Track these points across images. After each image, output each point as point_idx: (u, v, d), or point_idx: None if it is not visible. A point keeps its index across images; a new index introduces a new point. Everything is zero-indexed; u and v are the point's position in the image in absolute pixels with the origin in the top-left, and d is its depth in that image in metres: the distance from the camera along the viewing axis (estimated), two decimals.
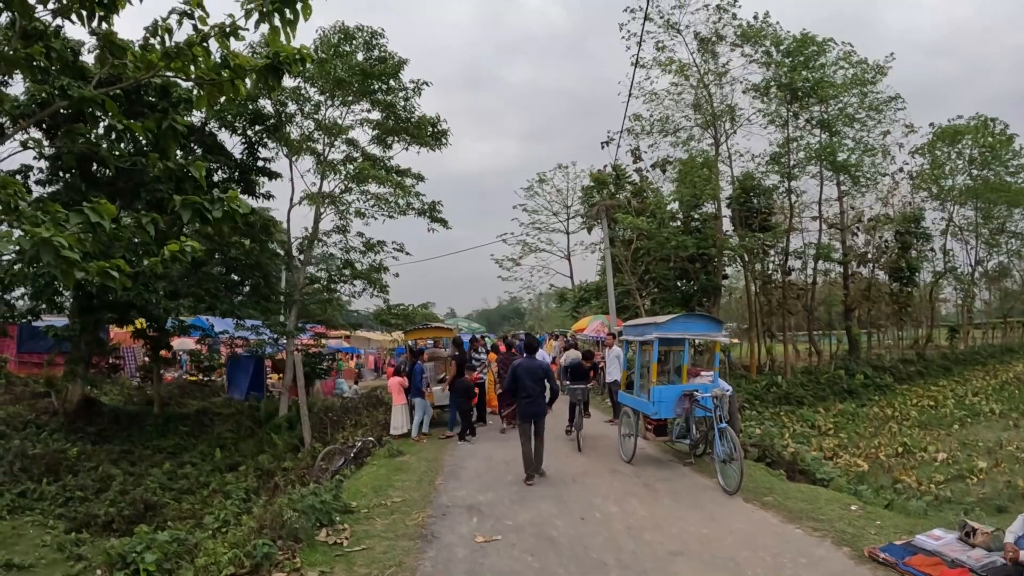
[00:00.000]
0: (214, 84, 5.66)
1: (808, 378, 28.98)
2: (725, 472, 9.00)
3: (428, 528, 7.30)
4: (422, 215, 23.77)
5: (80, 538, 12.80)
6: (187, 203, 5.05)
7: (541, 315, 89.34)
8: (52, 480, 15.64)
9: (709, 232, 29.63)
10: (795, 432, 20.41)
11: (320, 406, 21.72)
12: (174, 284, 19.07)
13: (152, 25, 5.68)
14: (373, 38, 20.87)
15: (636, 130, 29.83)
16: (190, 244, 5.35)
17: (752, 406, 23.63)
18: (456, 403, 14.05)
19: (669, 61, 27.23)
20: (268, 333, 21.60)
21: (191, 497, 15.92)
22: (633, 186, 33.12)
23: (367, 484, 9.43)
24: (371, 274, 22.80)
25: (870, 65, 28.93)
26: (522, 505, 8.26)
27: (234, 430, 20.88)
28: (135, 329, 21.35)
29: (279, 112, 21.11)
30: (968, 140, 36.25)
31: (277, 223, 25.08)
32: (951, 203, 38.65)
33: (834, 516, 7.57)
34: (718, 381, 10.79)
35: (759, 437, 13.71)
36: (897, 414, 25.01)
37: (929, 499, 12.75)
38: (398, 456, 11.50)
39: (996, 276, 51.00)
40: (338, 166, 22.03)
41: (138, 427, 20.05)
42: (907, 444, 19.42)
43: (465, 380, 13.78)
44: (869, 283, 36.28)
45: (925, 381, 33.22)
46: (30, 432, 18.12)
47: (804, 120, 29.09)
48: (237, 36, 5.58)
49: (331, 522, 7.30)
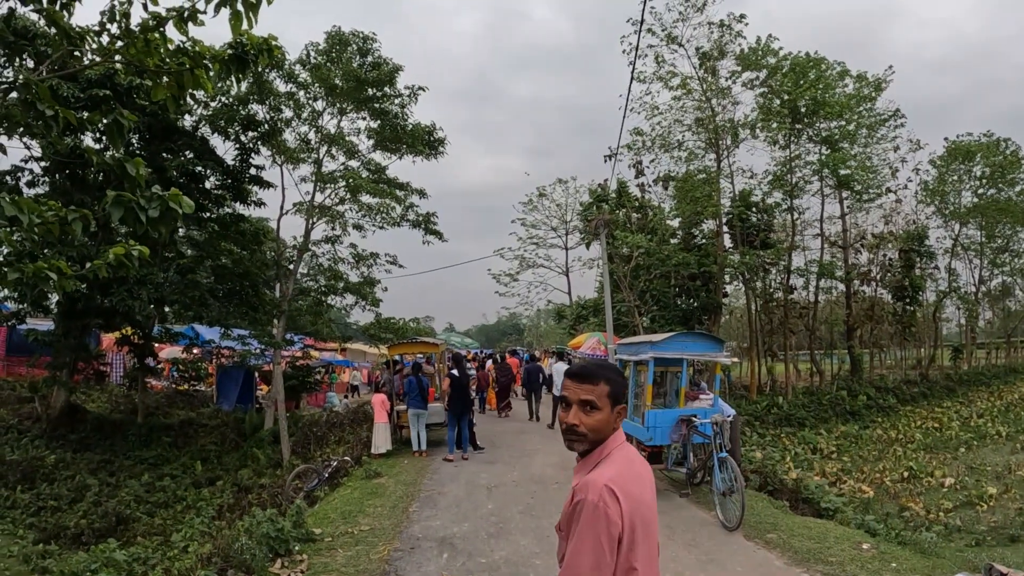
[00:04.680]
0: (171, 74, 5.24)
1: (810, 399, 28.40)
2: (725, 506, 8.39)
3: (392, 564, 6.70)
4: (417, 227, 23.27)
5: (48, 550, 12.40)
6: (119, 200, 4.49)
7: (540, 331, 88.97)
8: (27, 488, 15.29)
9: (711, 249, 29.14)
10: (796, 456, 19.85)
11: (306, 420, 21.20)
12: (159, 291, 18.56)
13: (109, 9, 5.22)
14: (366, 43, 20.43)
15: (637, 145, 29.35)
16: (137, 248, 4.93)
17: (752, 427, 23.10)
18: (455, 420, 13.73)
19: (670, 75, 26.78)
20: (255, 344, 21.09)
21: (165, 512, 15.44)
22: (633, 202, 32.66)
23: (337, 508, 8.86)
24: (362, 287, 22.30)
25: (869, 80, 28.52)
26: (499, 539, 7.65)
27: (218, 442, 20.37)
28: (120, 336, 20.92)
29: (273, 118, 20.64)
30: (979, 159, 35.85)
31: (269, 231, 24.63)
32: (956, 221, 38.23)
33: (845, 558, 6.97)
34: (719, 404, 10.20)
35: (760, 463, 13.12)
36: (901, 436, 24.42)
37: (939, 528, 12.15)
38: (375, 478, 10.93)
39: (999, 296, 50.56)
40: (335, 175, 21.50)
41: (121, 436, 19.57)
42: (913, 468, 18.82)
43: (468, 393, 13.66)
44: (872, 302, 35.75)
45: (929, 402, 32.62)
46: (11, 437, 17.76)
47: (806, 138, 28.67)
48: (196, 21, 5.13)
49: (288, 552, 6.71)
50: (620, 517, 2.17)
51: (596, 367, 2.43)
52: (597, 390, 2.35)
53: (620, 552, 2.18)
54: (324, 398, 28.71)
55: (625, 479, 2.26)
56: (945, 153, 36.68)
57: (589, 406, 2.34)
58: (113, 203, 4.49)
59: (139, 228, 4.64)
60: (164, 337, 22.29)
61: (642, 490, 2.33)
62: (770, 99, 26.91)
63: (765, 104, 26.95)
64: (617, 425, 2.40)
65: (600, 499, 2.17)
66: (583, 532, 2.16)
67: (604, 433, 2.35)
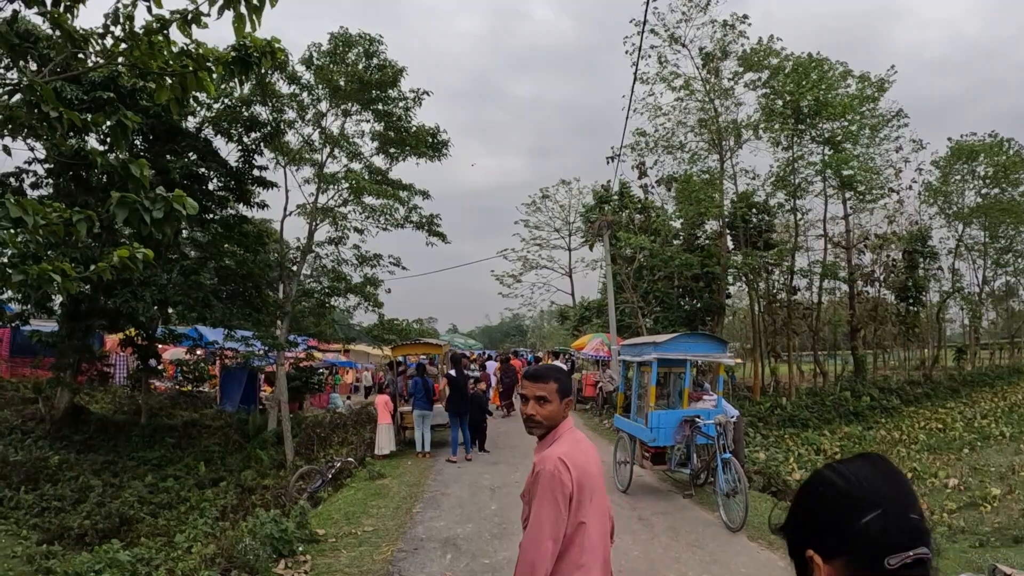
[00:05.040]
0: (174, 76, 5.26)
1: (813, 400, 28.31)
2: (728, 507, 8.37)
3: (396, 565, 6.70)
4: (420, 228, 23.27)
5: (51, 550, 12.37)
6: (123, 201, 4.51)
7: (543, 333, 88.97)
8: (30, 488, 15.25)
9: (714, 250, 29.09)
10: (800, 457, 19.80)
11: (309, 421, 21.21)
12: (163, 292, 18.59)
13: (113, 12, 5.24)
14: (372, 45, 20.41)
15: (640, 146, 29.32)
16: (142, 250, 4.96)
17: (756, 429, 23.03)
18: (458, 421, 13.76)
19: (673, 75, 26.76)
20: (258, 345, 21.11)
21: (168, 512, 15.42)
22: (636, 204, 32.65)
23: (340, 509, 8.87)
24: (364, 288, 22.30)
25: (872, 80, 28.44)
26: (503, 540, 7.65)
27: (221, 443, 20.36)
28: (123, 337, 20.95)
29: (276, 119, 20.64)
30: (982, 159, 35.77)
31: (273, 233, 24.65)
32: (959, 222, 38.15)
33: None
34: (723, 405, 10.18)
35: (764, 464, 13.11)
36: (905, 437, 24.34)
37: (943, 530, 12.12)
38: (378, 479, 10.94)
39: (1003, 296, 50.39)
40: (338, 177, 21.49)
41: (124, 437, 19.57)
42: (916, 469, 18.76)
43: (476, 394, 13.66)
44: (875, 303, 35.67)
45: (932, 403, 32.49)
46: (15, 438, 17.73)
47: (809, 139, 28.59)
48: (199, 23, 5.16)
49: (292, 553, 6.71)
50: (571, 482, 2.76)
51: (546, 369, 3.04)
52: (548, 387, 2.94)
53: (571, 509, 2.78)
54: (327, 399, 28.71)
55: (574, 454, 2.85)
56: (948, 153, 36.61)
57: (543, 400, 2.95)
58: (118, 204, 4.51)
59: (144, 230, 4.65)
60: (168, 338, 22.30)
61: (587, 462, 2.91)
62: (772, 100, 26.87)
63: (767, 105, 26.91)
64: (566, 414, 3.01)
65: (555, 468, 2.76)
66: (543, 494, 2.77)
67: (556, 420, 2.97)
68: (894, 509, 1.21)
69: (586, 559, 2.83)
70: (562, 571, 2.81)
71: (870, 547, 1.17)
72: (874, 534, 1.18)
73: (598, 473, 2.98)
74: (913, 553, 1.19)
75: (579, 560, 2.82)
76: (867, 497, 1.22)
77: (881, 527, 1.18)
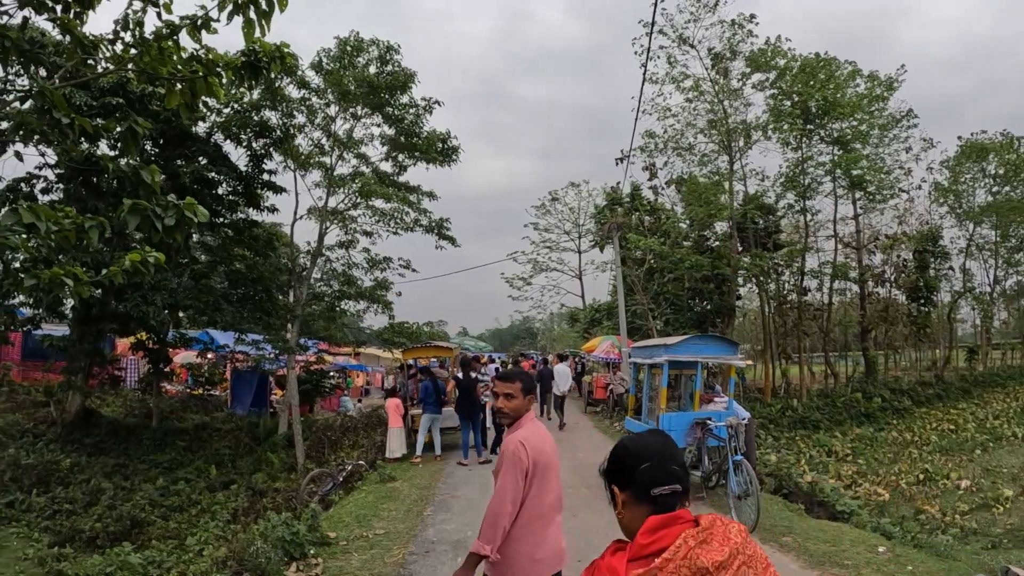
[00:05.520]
0: (184, 81, 5.28)
1: (824, 401, 28.21)
2: (740, 509, 8.34)
3: (407, 568, 6.70)
4: (430, 232, 23.23)
5: (63, 553, 12.39)
6: (135, 208, 4.53)
7: (553, 335, 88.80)
8: (42, 491, 15.33)
9: (724, 252, 29.00)
10: (811, 458, 19.72)
11: (320, 424, 21.24)
12: (173, 296, 18.66)
13: (122, 18, 5.26)
14: (388, 52, 20.36)
15: (649, 148, 29.27)
16: (153, 255, 4.96)
17: (767, 430, 22.96)
18: (469, 424, 13.74)
19: (682, 76, 26.71)
20: (269, 348, 21.16)
21: (179, 515, 15.46)
22: (646, 206, 32.61)
23: (351, 512, 8.86)
24: (375, 292, 22.31)
25: (881, 80, 28.30)
26: None
27: (232, 447, 20.42)
28: (134, 341, 21.04)
29: (286, 124, 20.67)
30: (992, 157, 35.54)
31: (282, 236, 24.70)
32: (970, 221, 37.91)
33: (861, 561, 6.91)
34: (734, 408, 10.15)
35: (775, 466, 13.05)
36: (917, 439, 24.23)
37: (955, 531, 12.05)
38: (389, 482, 10.94)
39: (1014, 295, 50.02)
40: (346, 180, 21.51)
41: (135, 440, 19.66)
42: (928, 471, 18.66)
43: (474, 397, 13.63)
44: (886, 303, 35.50)
45: (944, 404, 32.31)
46: (27, 441, 17.84)
47: (818, 139, 28.49)
48: (209, 29, 5.18)
49: (303, 555, 6.71)
50: (527, 459, 3.54)
51: (513, 372, 3.91)
52: (514, 386, 3.75)
53: (527, 482, 3.56)
54: (338, 402, 28.75)
55: (531, 438, 3.63)
56: (959, 151, 36.38)
57: (510, 396, 3.74)
58: (130, 211, 4.52)
59: (155, 236, 4.67)
60: (179, 342, 22.39)
61: (543, 445, 3.67)
62: (780, 100, 26.79)
63: (775, 106, 26.84)
64: (528, 408, 3.79)
65: (516, 449, 3.55)
66: (506, 469, 3.54)
67: (520, 412, 3.75)
68: (660, 462, 1.94)
69: (539, 517, 3.62)
70: (520, 525, 3.56)
71: (643, 483, 1.92)
72: (646, 475, 1.92)
73: (552, 453, 3.74)
74: (669, 488, 1.91)
75: (532, 517, 3.59)
76: (643, 454, 1.96)
77: (651, 472, 1.92)
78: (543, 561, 3.62)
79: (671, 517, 1.84)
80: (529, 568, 3.57)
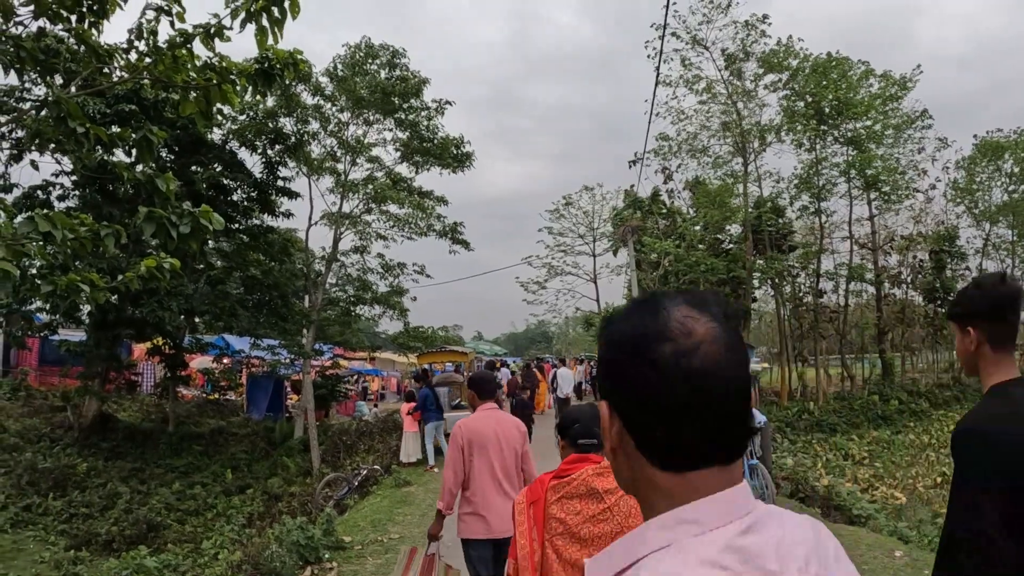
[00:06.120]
0: (199, 89, 5.33)
1: (841, 404, 27.99)
2: None
3: None
4: (443, 236, 23.26)
5: (79, 556, 12.54)
6: (151, 216, 4.57)
7: (569, 339, 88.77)
8: (58, 495, 15.42)
9: (739, 254, 28.87)
10: (828, 462, 19.55)
11: (335, 429, 21.29)
12: (189, 302, 18.78)
13: (136, 27, 5.32)
14: (395, 57, 20.50)
15: (664, 150, 29.20)
16: (168, 260, 5.02)
17: (783, 434, 22.78)
18: None
19: (696, 78, 26.63)
20: (284, 353, 21.26)
21: (195, 519, 15.54)
22: (661, 210, 32.54)
23: (366, 517, 8.88)
24: (390, 297, 22.37)
25: (895, 79, 28.10)
26: None
27: (248, 451, 20.50)
28: (151, 346, 21.17)
29: (300, 131, 20.78)
30: (1008, 155, 35.18)
31: (297, 241, 24.82)
32: (986, 220, 37.53)
33: (878, 566, 6.85)
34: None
35: (791, 469, 12.97)
36: (934, 441, 23.98)
37: None
38: (404, 487, 10.94)
39: None
40: (359, 186, 21.59)
41: (152, 445, 19.75)
42: (946, 474, 18.45)
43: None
44: (903, 305, 35.20)
45: (962, 406, 31.91)
46: (44, 446, 17.91)
47: (832, 139, 28.35)
48: (222, 37, 5.23)
49: (318, 559, 6.73)
50: (462, 438, 4.57)
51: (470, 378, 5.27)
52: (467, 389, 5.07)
53: (464, 456, 4.55)
54: (354, 407, 28.83)
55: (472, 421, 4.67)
56: (974, 150, 36.04)
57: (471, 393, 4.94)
58: (145, 219, 4.57)
59: (171, 244, 4.71)
60: (195, 347, 22.52)
61: (484, 428, 4.62)
62: (794, 101, 26.68)
63: (788, 107, 26.72)
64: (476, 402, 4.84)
65: (455, 429, 4.64)
66: (450, 447, 4.62)
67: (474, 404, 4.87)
68: (584, 424, 2.88)
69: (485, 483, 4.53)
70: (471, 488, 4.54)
71: (573, 435, 2.89)
72: (576, 431, 2.88)
73: (492, 435, 4.60)
74: (587, 440, 2.84)
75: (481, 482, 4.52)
76: (578, 417, 2.95)
77: (579, 429, 2.88)
78: (487, 518, 4.48)
79: (584, 457, 2.79)
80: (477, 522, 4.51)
